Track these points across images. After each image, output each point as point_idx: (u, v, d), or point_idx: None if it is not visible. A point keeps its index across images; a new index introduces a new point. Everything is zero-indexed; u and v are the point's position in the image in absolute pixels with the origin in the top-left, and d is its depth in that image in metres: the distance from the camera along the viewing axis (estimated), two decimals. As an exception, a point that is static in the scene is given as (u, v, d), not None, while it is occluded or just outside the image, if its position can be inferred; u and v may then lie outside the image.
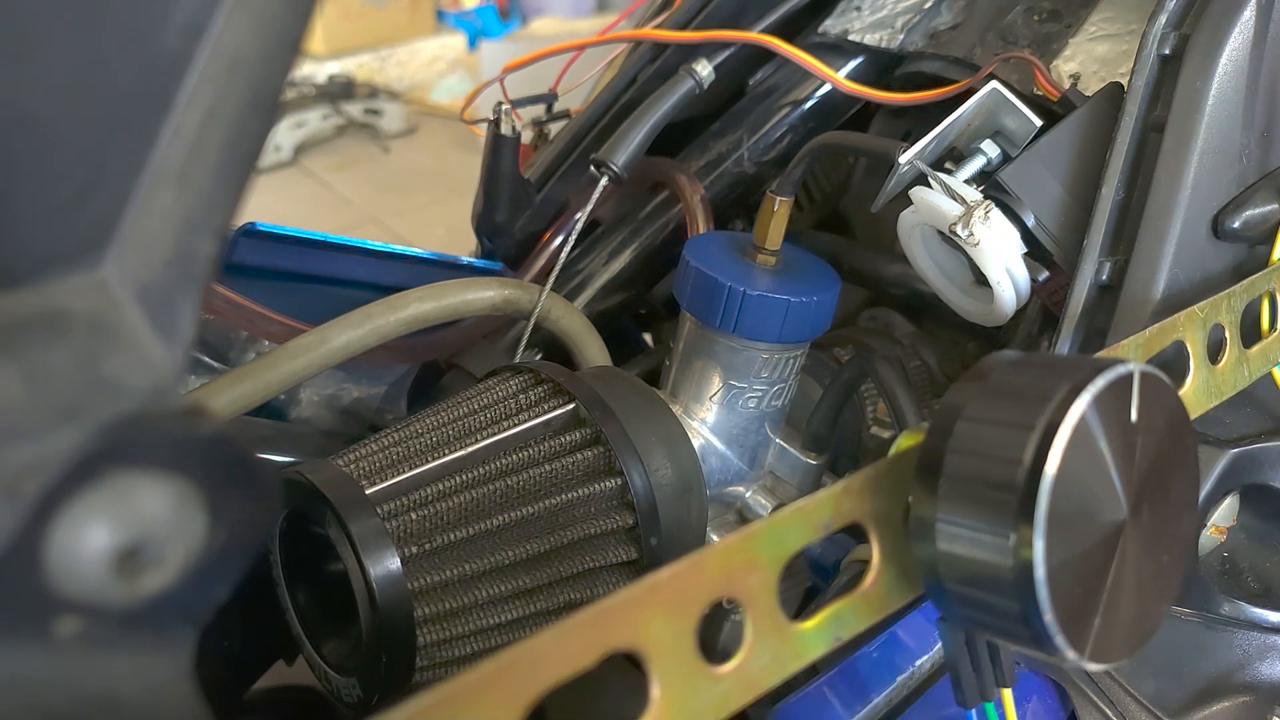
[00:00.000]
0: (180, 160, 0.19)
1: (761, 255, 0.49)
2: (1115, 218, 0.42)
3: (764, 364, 0.49)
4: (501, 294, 0.52)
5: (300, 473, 0.39)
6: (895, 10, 0.58)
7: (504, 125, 0.58)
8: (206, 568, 0.18)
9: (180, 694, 0.18)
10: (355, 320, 0.47)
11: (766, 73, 0.63)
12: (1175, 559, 0.25)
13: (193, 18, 0.19)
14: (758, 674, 0.22)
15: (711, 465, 0.50)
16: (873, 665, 0.41)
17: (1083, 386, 0.22)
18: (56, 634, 0.17)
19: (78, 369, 0.17)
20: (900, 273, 0.57)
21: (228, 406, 0.44)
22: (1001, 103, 0.45)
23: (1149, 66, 0.42)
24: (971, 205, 0.42)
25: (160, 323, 0.19)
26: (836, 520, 0.23)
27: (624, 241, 0.62)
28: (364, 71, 2.81)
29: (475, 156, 0.62)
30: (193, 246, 0.19)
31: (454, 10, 3.16)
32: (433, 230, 2.07)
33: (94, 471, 0.17)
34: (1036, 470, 0.21)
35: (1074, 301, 0.41)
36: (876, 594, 0.24)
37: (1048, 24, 0.52)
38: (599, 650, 0.19)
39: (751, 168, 0.60)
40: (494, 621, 0.39)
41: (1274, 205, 0.42)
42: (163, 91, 0.19)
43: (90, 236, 0.19)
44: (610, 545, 0.41)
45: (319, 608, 0.42)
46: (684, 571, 0.20)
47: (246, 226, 0.54)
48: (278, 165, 2.38)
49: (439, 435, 0.42)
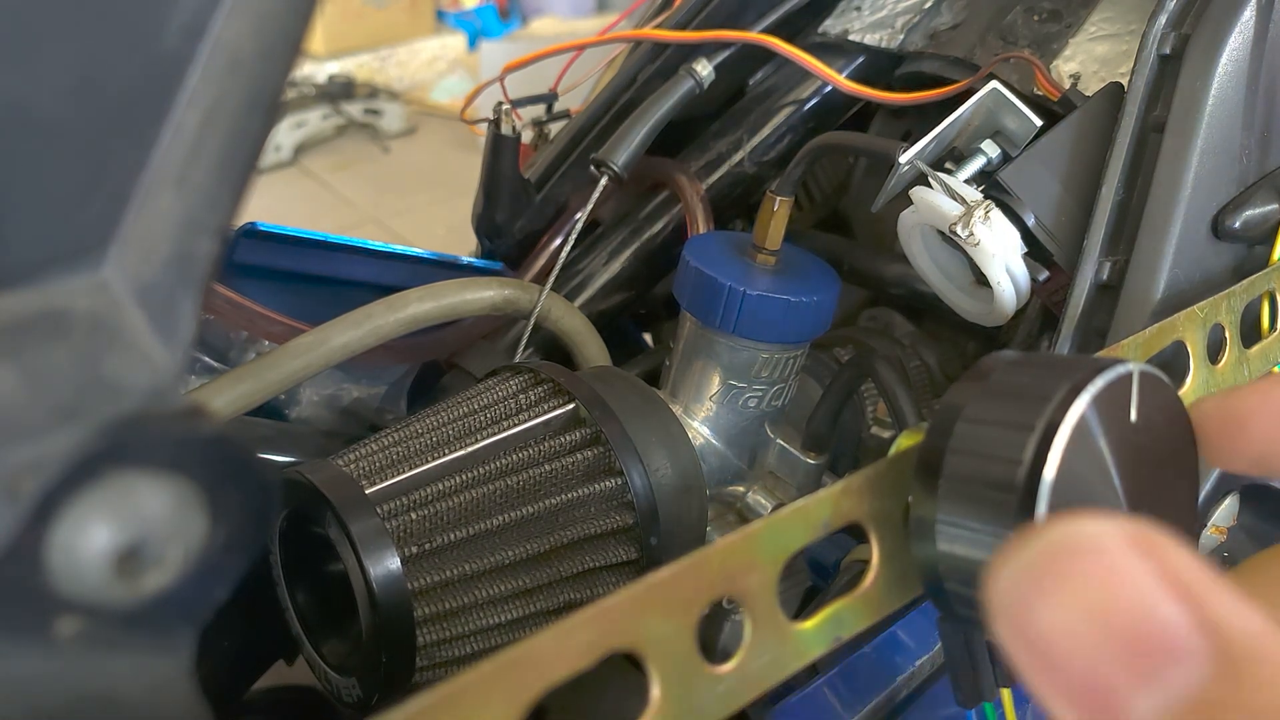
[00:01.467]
0: (180, 160, 0.19)
1: (761, 255, 0.49)
2: (1115, 218, 0.42)
3: (764, 364, 0.49)
4: (501, 294, 0.52)
5: (300, 472, 0.39)
6: (895, 10, 0.58)
7: (504, 125, 0.58)
8: (207, 568, 0.18)
9: (180, 694, 0.18)
10: (355, 320, 0.47)
11: (766, 73, 0.63)
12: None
13: (193, 18, 0.19)
14: (758, 674, 0.22)
15: (711, 465, 0.50)
16: (873, 665, 0.41)
17: (1082, 386, 0.22)
18: (56, 634, 0.17)
19: (78, 369, 0.17)
20: (900, 273, 0.57)
21: (228, 406, 0.44)
22: (1001, 102, 0.45)
23: (1149, 66, 0.42)
24: (972, 205, 0.42)
25: (161, 323, 0.19)
26: (836, 520, 0.23)
27: (624, 241, 0.62)
28: (364, 71, 2.81)
29: (475, 156, 0.62)
30: (193, 247, 0.19)
31: (454, 10, 3.16)
32: (433, 230, 2.07)
33: (94, 471, 0.17)
34: (1036, 470, 0.21)
35: (1074, 301, 0.41)
36: (876, 594, 0.24)
37: (1048, 24, 0.52)
38: (599, 650, 0.19)
39: (751, 168, 0.60)
40: (494, 621, 0.39)
41: (1274, 205, 0.42)
42: (163, 91, 0.19)
43: (90, 237, 0.19)
44: (610, 545, 0.41)
45: (319, 608, 0.42)
46: (684, 571, 0.20)
47: (247, 226, 0.54)
48: (278, 165, 2.38)
49: (439, 435, 0.42)
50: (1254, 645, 0.15)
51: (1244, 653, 0.15)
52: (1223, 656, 0.15)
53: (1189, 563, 0.16)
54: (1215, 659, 0.15)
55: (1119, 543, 0.16)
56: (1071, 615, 0.15)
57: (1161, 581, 0.15)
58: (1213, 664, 0.15)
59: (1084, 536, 0.16)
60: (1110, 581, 0.15)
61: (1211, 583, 0.15)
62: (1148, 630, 0.15)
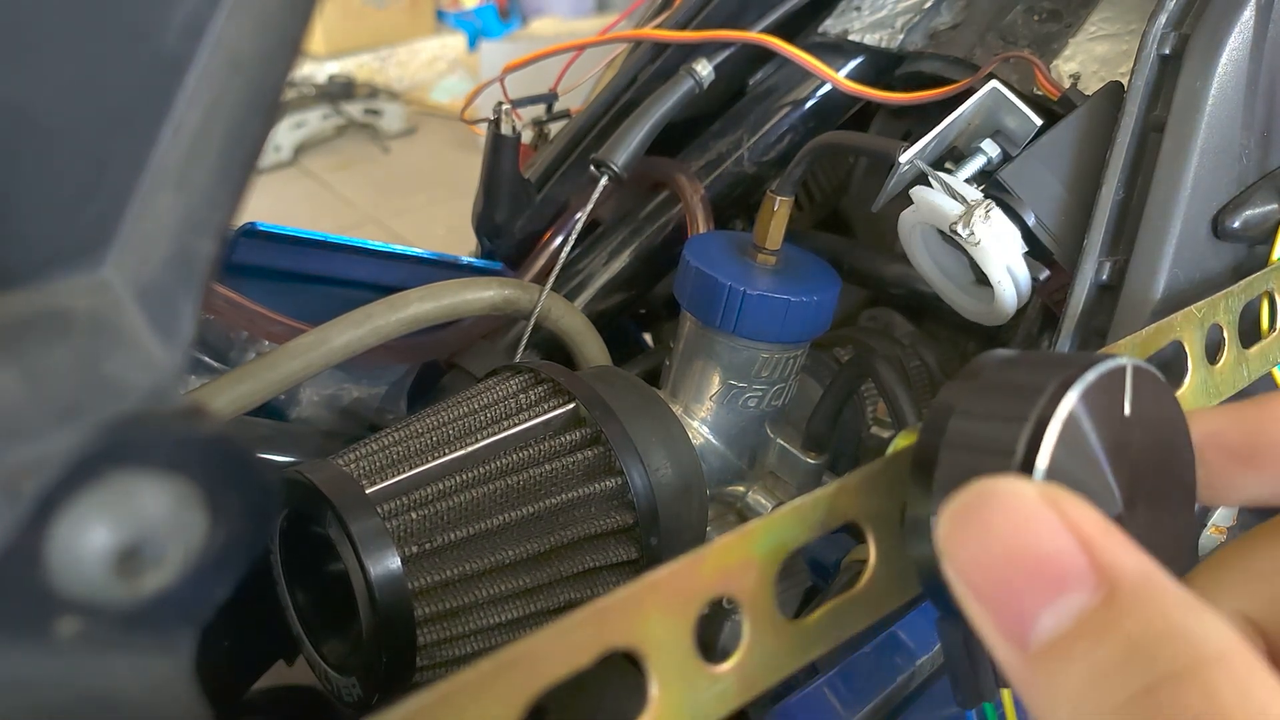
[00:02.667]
0: (181, 160, 0.19)
1: (762, 255, 0.49)
2: (1115, 218, 0.42)
3: (764, 364, 0.49)
4: (501, 294, 0.52)
5: (300, 472, 0.39)
6: (895, 10, 0.58)
7: (504, 125, 0.58)
8: (207, 567, 0.18)
9: (181, 694, 0.19)
10: (355, 320, 0.47)
11: (766, 73, 0.63)
12: (1174, 557, 0.25)
13: (193, 18, 0.19)
14: (756, 673, 0.22)
15: (711, 465, 0.50)
16: (872, 665, 0.41)
17: (1074, 380, 0.22)
18: (56, 634, 0.17)
19: (78, 369, 0.17)
20: (900, 273, 0.57)
21: (228, 406, 0.44)
22: (1001, 101, 0.45)
23: (1149, 66, 0.42)
24: (972, 204, 0.42)
25: (161, 322, 0.19)
26: (832, 519, 0.23)
27: (624, 241, 0.62)
28: (364, 71, 2.81)
29: (475, 156, 0.62)
30: (193, 246, 0.19)
31: (454, 10, 3.16)
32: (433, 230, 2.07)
33: (94, 471, 0.17)
34: (1029, 464, 0.21)
35: (1074, 301, 0.41)
36: (875, 594, 0.24)
37: (1048, 24, 0.52)
38: (597, 649, 0.19)
39: (751, 168, 0.60)
40: (494, 621, 0.39)
41: (1273, 205, 0.42)
42: (163, 91, 0.19)
43: (90, 236, 0.19)
44: (610, 545, 0.42)
45: (319, 607, 0.42)
46: (681, 570, 0.20)
47: (246, 226, 0.54)
48: (278, 165, 2.38)
49: (439, 435, 0.42)
50: (1133, 581, 0.18)
51: (1124, 586, 0.18)
52: (1107, 587, 0.18)
53: (1088, 514, 0.19)
54: (1100, 588, 0.18)
55: (1030, 493, 0.19)
56: (989, 549, 0.19)
57: (1062, 524, 0.19)
58: (1099, 592, 0.18)
59: (1001, 487, 0.20)
60: (1019, 523, 0.19)
61: (1104, 530, 0.19)
62: (1048, 562, 0.19)
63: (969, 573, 0.20)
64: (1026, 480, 0.20)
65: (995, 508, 0.19)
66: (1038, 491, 0.19)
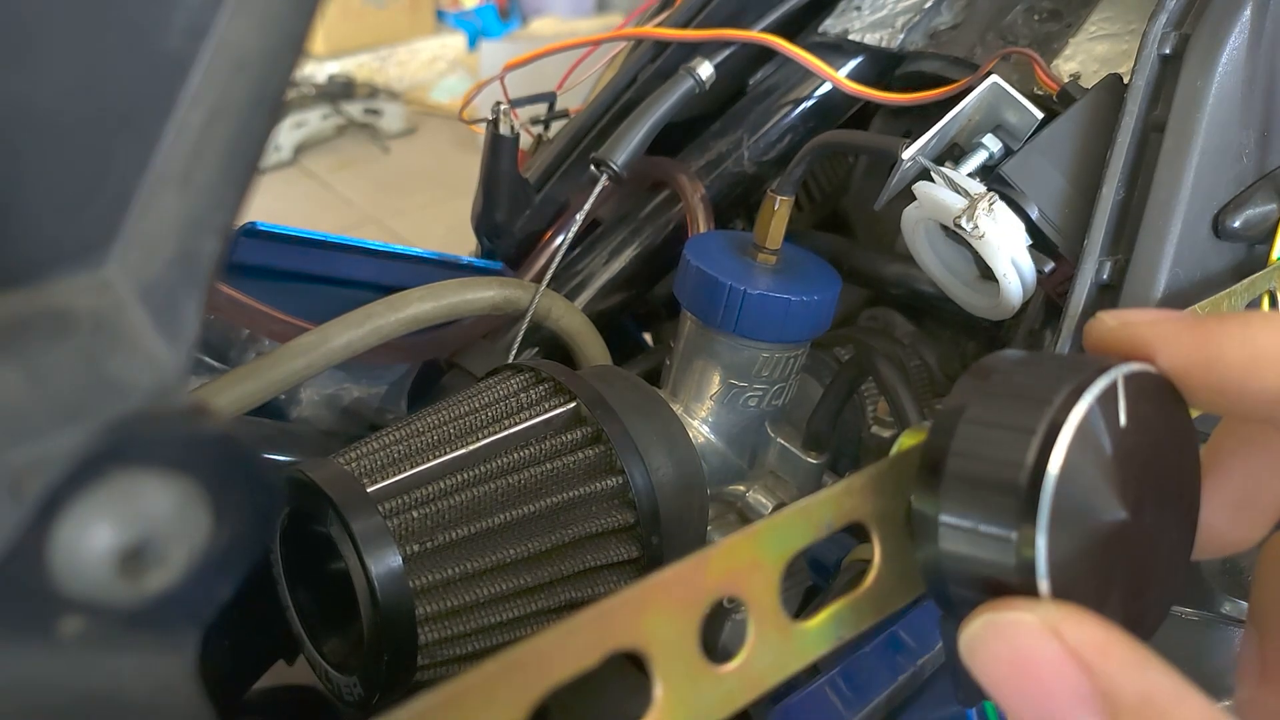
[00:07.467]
0: (184, 160, 0.19)
1: (762, 254, 0.49)
2: (1116, 217, 0.42)
3: (764, 363, 0.49)
4: (501, 293, 0.52)
5: (301, 471, 0.39)
6: (895, 10, 0.58)
7: (502, 125, 0.58)
8: (210, 567, 0.18)
9: (184, 693, 0.18)
10: (356, 320, 0.47)
11: (767, 72, 0.63)
12: (1177, 559, 0.25)
13: (196, 18, 0.19)
14: (760, 673, 0.22)
15: (712, 464, 0.50)
16: (873, 665, 0.41)
17: (1085, 387, 0.22)
18: (60, 634, 0.17)
19: (81, 368, 0.17)
20: (901, 272, 0.57)
21: (230, 405, 0.44)
22: (1002, 96, 0.45)
23: (1149, 66, 0.42)
24: (975, 198, 0.42)
25: (164, 322, 0.19)
26: (838, 520, 0.23)
27: (624, 241, 0.62)
28: (364, 71, 2.81)
29: (475, 156, 0.62)
30: (196, 246, 0.19)
31: (454, 10, 3.16)
32: (433, 230, 2.07)
33: (97, 471, 0.17)
34: (1039, 471, 0.21)
35: (1075, 301, 0.41)
36: (878, 593, 0.24)
37: (1048, 23, 0.52)
38: (602, 650, 0.19)
39: (752, 167, 0.60)
40: (495, 620, 0.39)
41: (1274, 205, 0.42)
42: (166, 90, 0.19)
43: (94, 236, 0.19)
44: (611, 544, 0.42)
45: (320, 606, 0.42)
46: (686, 571, 0.20)
47: (247, 226, 0.54)
48: (278, 165, 2.38)
49: (440, 434, 0.42)
50: (1131, 704, 0.19)
51: (1124, 710, 0.19)
52: (1110, 711, 0.19)
53: (1089, 636, 0.20)
54: (1103, 713, 0.20)
55: (1031, 624, 0.21)
56: (1004, 680, 0.21)
57: (1063, 653, 0.20)
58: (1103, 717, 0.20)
59: (1003, 621, 0.21)
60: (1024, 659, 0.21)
61: (1103, 652, 0.20)
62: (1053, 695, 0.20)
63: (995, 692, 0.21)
64: (1029, 608, 0.21)
65: (1002, 641, 0.21)
66: (1039, 620, 0.21)
